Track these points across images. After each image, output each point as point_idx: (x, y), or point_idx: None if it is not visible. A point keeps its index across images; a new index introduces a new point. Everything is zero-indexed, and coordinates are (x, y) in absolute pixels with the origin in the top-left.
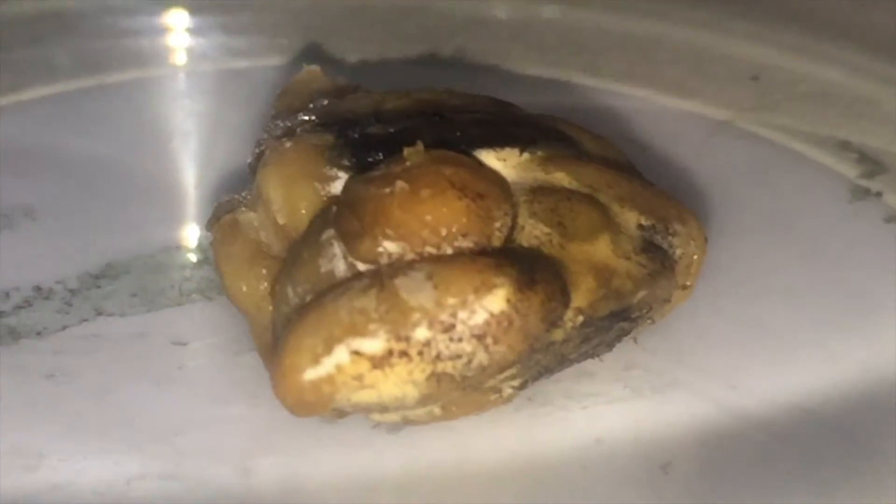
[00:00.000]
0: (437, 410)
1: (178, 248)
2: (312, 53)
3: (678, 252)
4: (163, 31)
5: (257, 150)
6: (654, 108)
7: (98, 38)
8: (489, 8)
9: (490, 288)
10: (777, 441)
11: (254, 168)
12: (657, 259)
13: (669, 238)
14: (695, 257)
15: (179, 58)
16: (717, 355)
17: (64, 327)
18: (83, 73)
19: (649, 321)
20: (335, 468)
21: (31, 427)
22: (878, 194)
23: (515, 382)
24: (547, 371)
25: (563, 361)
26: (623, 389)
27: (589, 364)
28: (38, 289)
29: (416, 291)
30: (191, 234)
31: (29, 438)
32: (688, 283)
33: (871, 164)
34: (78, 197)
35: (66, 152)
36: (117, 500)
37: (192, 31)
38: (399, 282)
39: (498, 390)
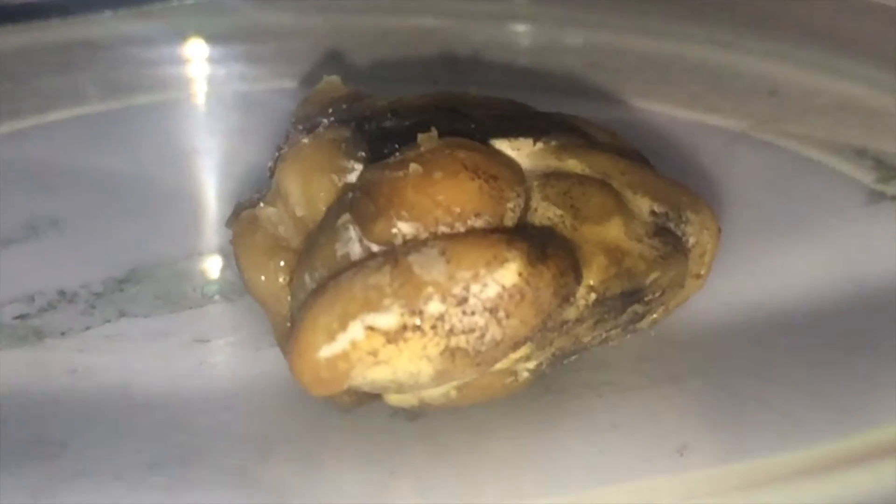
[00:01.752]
0: (452, 392)
1: (200, 254)
2: (330, 70)
3: (691, 241)
4: (184, 59)
5: (277, 155)
6: (672, 121)
7: (123, 66)
8: (510, 34)
9: (502, 261)
10: (795, 428)
11: (273, 171)
12: (669, 242)
13: (682, 226)
14: (708, 246)
15: (200, 83)
16: (732, 346)
17: (87, 328)
18: (108, 97)
19: (663, 307)
20: (354, 455)
21: (52, 419)
22: (894, 198)
23: (530, 364)
24: (562, 354)
25: (577, 344)
26: (640, 378)
27: (605, 355)
28: (62, 293)
29: (428, 266)
30: (212, 242)
31: (51, 429)
32: (701, 272)
33: (886, 169)
34: (102, 209)
35: (91, 169)
36: (138, 484)
37: (212, 60)
38: (412, 258)
39: (513, 373)
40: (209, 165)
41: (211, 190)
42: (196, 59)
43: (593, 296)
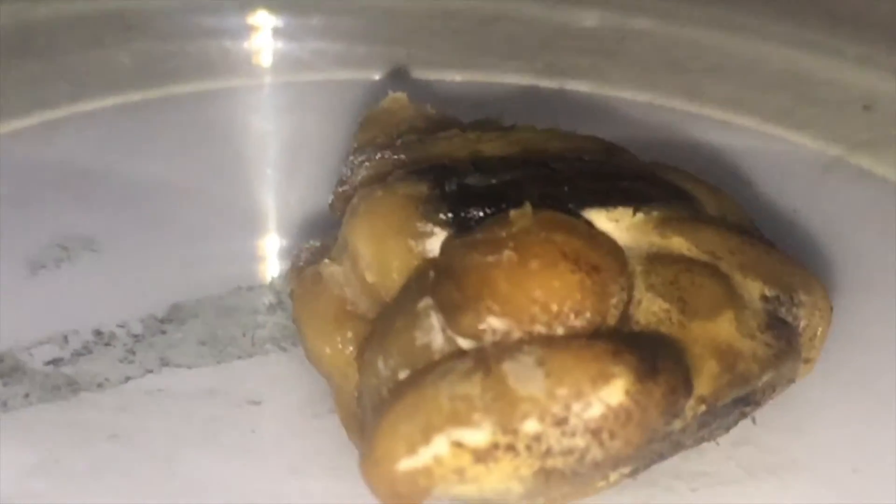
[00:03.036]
0: (540, 501)
1: (251, 288)
2: (397, 68)
3: (802, 324)
4: (238, 35)
5: (340, 190)
6: (758, 141)
7: (166, 42)
8: (579, 19)
9: (608, 378)
10: None
11: (336, 210)
12: (783, 337)
13: (794, 310)
14: (819, 329)
15: (256, 68)
16: (838, 433)
17: (127, 379)
18: (149, 81)
19: (770, 399)
20: None
21: (94, 495)
22: None
23: (626, 470)
24: (660, 458)
25: (678, 447)
26: (735, 469)
27: None
28: (98, 333)
29: (525, 379)
30: (264, 274)
31: None
32: (811, 357)
33: None
34: (143, 227)
35: (130, 173)
36: None
37: (273, 35)
38: (507, 367)
39: (605, 476)
40: (261, 175)
41: (265, 208)
42: (255, 34)
43: (703, 407)
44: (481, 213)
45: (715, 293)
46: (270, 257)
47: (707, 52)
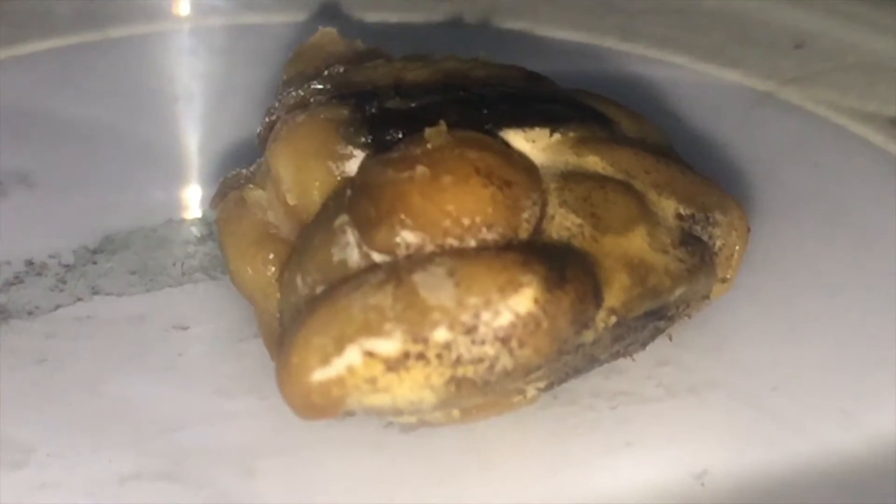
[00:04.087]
0: (455, 413)
1: (181, 221)
2: (329, 12)
3: (718, 243)
4: None
5: (267, 120)
6: (691, 77)
7: None
8: None
9: (516, 287)
10: (821, 449)
11: (263, 140)
12: (697, 252)
13: (710, 228)
14: (736, 248)
15: (187, 11)
16: (757, 352)
17: (57, 307)
18: (85, 26)
19: (686, 318)
20: (345, 470)
21: (21, 418)
22: None
23: (541, 384)
24: (575, 372)
25: (592, 362)
26: (655, 388)
27: (618, 361)
28: (30, 263)
29: (435, 289)
30: (195, 207)
31: (18, 430)
32: (728, 276)
33: None
34: (76, 162)
35: (66, 112)
36: (110, 501)
37: None
38: (418, 277)
39: (521, 391)
40: (194, 112)
41: (195, 144)
42: None
43: (613, 318)
44: (400, 135)
45: (628, 209)
46: (202, 191)
47: None
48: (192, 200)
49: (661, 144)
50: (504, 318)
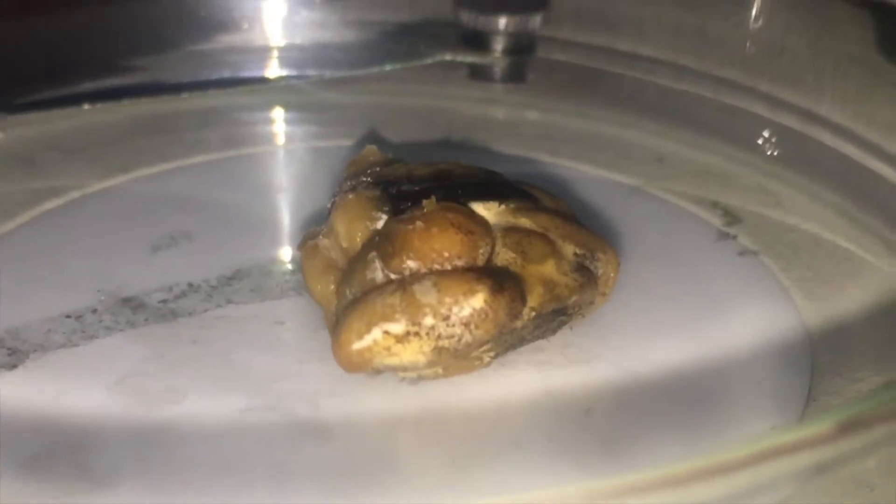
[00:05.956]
0: (440, 371)
1: (282, 261)
2: (371, 137)
3: (600, 271)
4: (273, 122)
5: (332, 200)
6: (590, 177)
7: (236, 126)
8: (490, 110)
9: (474, 292)
10: (663, 395)
11: (330, 210)
12: (586, 276)
13: (595, 263)
14: (611, 274)
15: (283, 141)
16: (626, 340)
17: (206, 310)
18: (226, 148)
19: (580, 316)
20: (376, 407)
21: (179, 374)
22: (734, 237)
23: (492, 353)
24: (512, 347)
25: (522, 340)
26: (563, 359)
27: (540, 342)
28: (190, 285)
29: (426, 293)
30: (289, 253)
31: (178, 381)
32: (606, 292)
33: (730, 216)
34: (220, 227)
35: (214, 199)
36: (233, 423)
37: (290, 124)
38: (415, 287)
39: (480, 358)
40: (289, 201)
41: (288, 218)
42: (280, 123)
43: (533, 313)
44: (409, 205)
45: (543, 249)
46: (295, 241)
47: (565, 131)
48: (289, 247)
49: (567, 212)
50: (466, 311)
